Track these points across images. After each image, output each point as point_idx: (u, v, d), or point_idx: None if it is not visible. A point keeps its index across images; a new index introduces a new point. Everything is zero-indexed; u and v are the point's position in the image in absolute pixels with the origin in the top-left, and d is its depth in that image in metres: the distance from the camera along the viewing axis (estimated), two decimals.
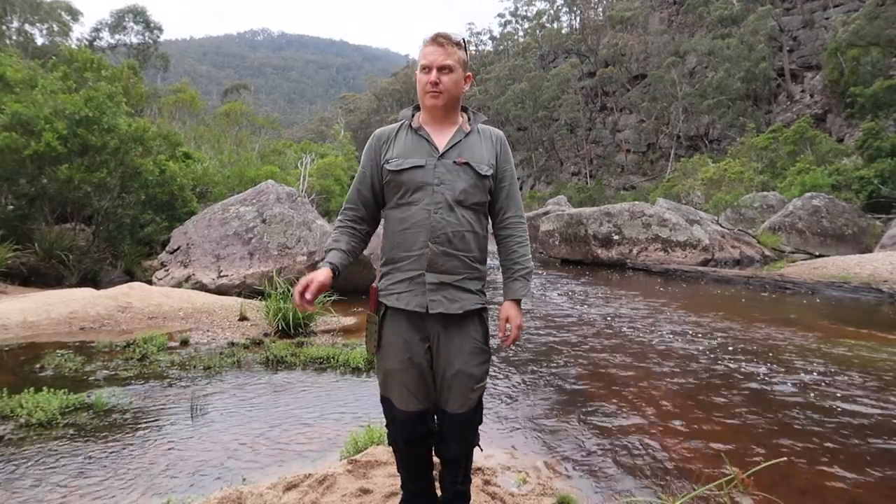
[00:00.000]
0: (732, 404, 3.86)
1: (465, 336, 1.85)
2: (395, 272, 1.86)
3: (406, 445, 1.91)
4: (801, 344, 5.71)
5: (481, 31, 75.91)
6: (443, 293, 1.81)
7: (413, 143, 1.88)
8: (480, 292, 1.90)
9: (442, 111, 1.87)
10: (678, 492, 2.54)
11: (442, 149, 1.86)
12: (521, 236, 1.98)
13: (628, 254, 14.64)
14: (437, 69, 1.81)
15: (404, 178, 1.84)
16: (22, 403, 3.33)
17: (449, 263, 1.81)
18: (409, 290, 1.82)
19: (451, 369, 1.83)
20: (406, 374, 1.83)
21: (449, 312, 1.81)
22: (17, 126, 8.50)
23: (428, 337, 1.84)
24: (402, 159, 1.85)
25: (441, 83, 1.81)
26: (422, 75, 1.84)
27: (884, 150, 19.17)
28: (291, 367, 4.56)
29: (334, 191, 25.64)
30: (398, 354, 1.83)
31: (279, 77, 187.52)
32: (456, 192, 1.83)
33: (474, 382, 1.86)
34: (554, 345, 5.60)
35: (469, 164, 1.85)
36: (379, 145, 1.93)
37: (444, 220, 1.81)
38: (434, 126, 1.90)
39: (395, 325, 1.85)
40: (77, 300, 6.29)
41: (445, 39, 1.83)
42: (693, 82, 41.94)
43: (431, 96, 1.83)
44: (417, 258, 1.82)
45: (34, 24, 30.67)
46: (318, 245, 8.29)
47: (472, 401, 1.88)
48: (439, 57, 1.81)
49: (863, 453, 3.08)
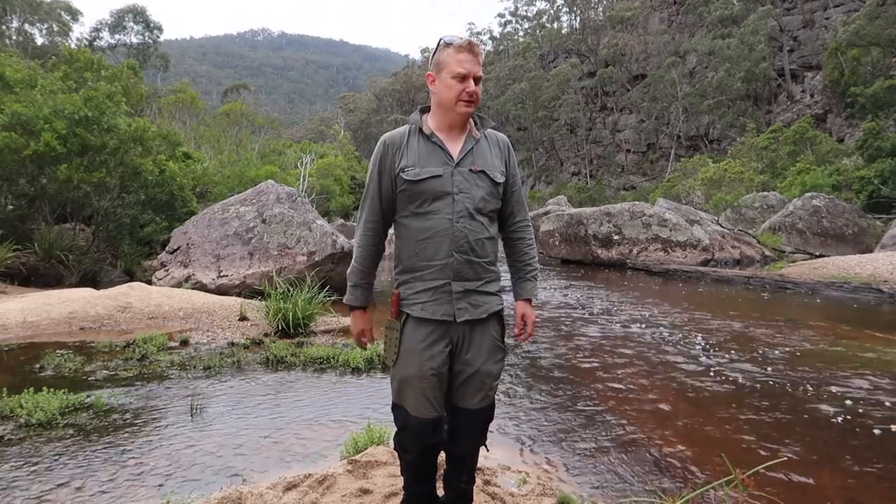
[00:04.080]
0: (732, 404, 3.85)
1: (486, 335, 1.88)
2: (416, 281, 1.85)
3: (418, 454, 1.89)
4: (801, 344, 5.71)
5: (481, 31, 75.65)
6: (468, 300, 1.84)
7: (427, 150, 1.86)
8: (499, 293, 1.95)
9: (466, 119, 1.88)
10: (678, 492, 2.54)
11: (456, 157, 1.85)
12: (529, 239, 2.04)
13: (628, 254, 14.63)
14: (473, 79, 1.81)
15: (423, 187, 1.82)
16: (22, 403, 3.33)
17: (471, 271, 1.84)
18: (434, 299, 1.82)
19: (472, 368, 1.86)
20: (425, 382, 1.81)
21: (474, 318, 1.84)
22: (17, 126, 8.50)
23: (451, 341, 1.84)
24: (418, 168, 1.82)
25: (476, 92, 1.82)
26: (455, 83, 1.80)
27: (884, 150, 19.16)
28: (291, 367, 4.56)
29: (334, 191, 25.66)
30: (419, 363, 1.81)
31: (279, 77, 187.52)
32: (476, 201, 1.83)
33: (492, 380, 1.91)
34: (554, 345, 5.59)
35: (485, 172, 1.86)
36: (391, 152, 1.89)
37: (466, 229, 1.81)
38: (446, 133, 1.88)
39: (416, 333, 1.83)
40: (77, 300, 6.29)
41: (478, 48, 1.83)
42: (693, 82, 41.95)
43: (466, 105, 1.82)
44: (441, 268, 1.82)
45: (34, 24, 30.70)
46: (317, 245, 8.29)
47: (489, 398, 1.92)
48: (475, 67, 1.81)
49: (863, 453, 3.07)
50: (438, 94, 1.85)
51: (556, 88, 51.59)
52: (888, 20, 25.34)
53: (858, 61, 26.17)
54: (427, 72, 1.92)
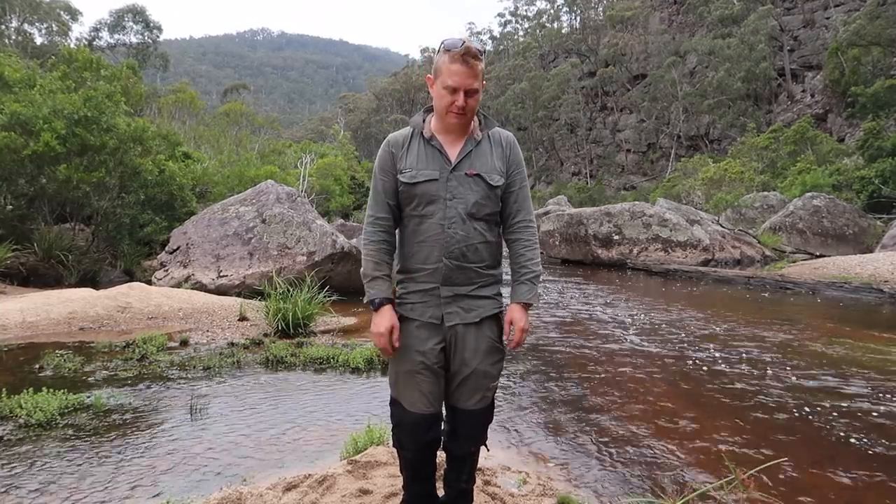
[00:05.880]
0: (732, 404, 3.85)
1: (481, 336, 1.87)
2: (410, 282, 1.88)
3: (415, 451, 1.90)
4: (802, 344, 5.70)
5: (481, 30, 75.59)
6: (458, 304, 1.84)
7: (426, 154, 1.86)
8: (496, 296, 1.93)
9: (462, 127, 1.86)
10: (678, 492, 2.53)
11: (454, 160, 1.84)
12: (528, 240, 1.95)
13: (628, 254, 14.63)
14: (464, 92, 1.75)
15: (418, 190, 1.83)
16: (21, 404, 3.32)
17: (463, 276, 1.84)
18: (423, 301, 1.85)
19: (468, 368, 1.86)
20: (419, 377, 1.83)
21: (465, 322, 1.84)
22: (16, 126, 8.49)
23: (444, 339, 1.85)
24: (415, 171, 1.83)
25: (467, 105, 1.77)
26: (446, 93, 1.76)
27: (885, 149, 19.15)
28: (291, 368, 4.55)
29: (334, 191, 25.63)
30: (412, 357, 1.84)
31: (279, 77, 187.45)
32: (468, 206, 1.82)
33: (490, 381, 1.90)
34: (554, 345, 5.59)
35: (480, 176, 1.84)
36: (393, 153, 1.89)
37: (457, 235, 1.81)
38: (447, 135, 1.88)
39: (410, 327, 1.86)
40: (76, 300, 6.28)
41: (474, 59, 1.74)
42: (693, 82, 41.94)
43: (455, 117, 1.80)
44: (432, 272, 1.83)
45: (33, 24, 30.71)
46: (317, 245, 8.28)
47: (487, 399, 1.92)
48: (467, 80, 1.74)
49: (863, 453, 3.07)
50: (434, 99, 1.86)
51: (556, 88, 51.59)
52: (889, 20, 25.34)
53: (859, 61, 26.17)
54: (427, 74, 1.92)
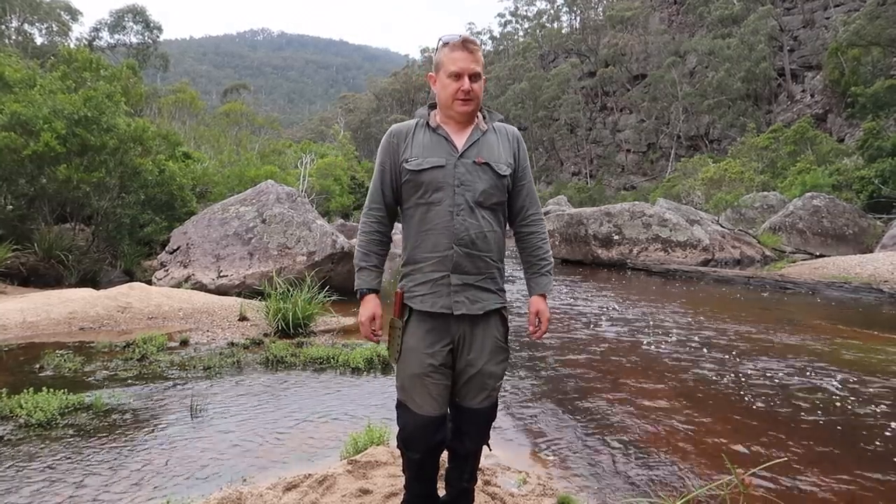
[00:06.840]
0: (732, 404, 3.85)
1: (487, 335, 1.87)
2: (416, 273, 1.86)
3: (423, 453, 1.88)
4: (801, 344, 5.70)
5: (481, 30, 75.66)
6: (465, 294, 1.83)
7: (432, 142, 1.86)
8: (500, 291, 1.92)
9: (468, 116, 1.87)
10: (678, 492, 2.53)
11: (461, 148, 1.84)
12: (543, 233, 2.00)
13: (628, 254, 14.62)
14: (468, 76, 1.79)
15: (424, 178, 1.82)
16: (21, 404, 3.32)
17: (472, 265, 1.83)
18: (433, 291, 1.83)
19: (474, 368, 1.85)
20: (429, 379, 1.82)
21: (470, 313, 1.83)
22: (16, 126, 8.49)
23: (452, 339, 1.84)
24: (421, 158, 1.83)
25: (472, 90, 1.80)
26: (451, 81, 1.80)
27: (884, 149, 19.15)
28: (291, 368, 4.55)
29: (334, 191, 25.64)
30: (421, 359, 1.82)
31: (279, 77, 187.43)
32: (476, 193, 1.82)
33: (495, 380, 1.90)
34: (554, 345, 5.59)
35: (489, 164, 1.85)
36: (397, 143, 1.90)
37: (466, 222, 1.81)
38: (453, 126, 1.88)
39: (418, 329, 1.84)
40: (76, 300, 6.28)
41: (473, 45, 1.80)
42: (693, 82, 41.95)
43: (463, 103, 1.81)
44: (441, 260, 1.82)
45: (33, 24, 30.69)
46: (317, 245, 8.28)
47: (492, 398, 1.92)
48: (470, 64, 1.79)
49: (863, 453, 3.07)
50: (438, 94, 1.87)
51: (556, 88, 51.60)
52: (888, 20, 25.33)
53: (859, 61, 26.17)
54: (428, 73, 1.93)
